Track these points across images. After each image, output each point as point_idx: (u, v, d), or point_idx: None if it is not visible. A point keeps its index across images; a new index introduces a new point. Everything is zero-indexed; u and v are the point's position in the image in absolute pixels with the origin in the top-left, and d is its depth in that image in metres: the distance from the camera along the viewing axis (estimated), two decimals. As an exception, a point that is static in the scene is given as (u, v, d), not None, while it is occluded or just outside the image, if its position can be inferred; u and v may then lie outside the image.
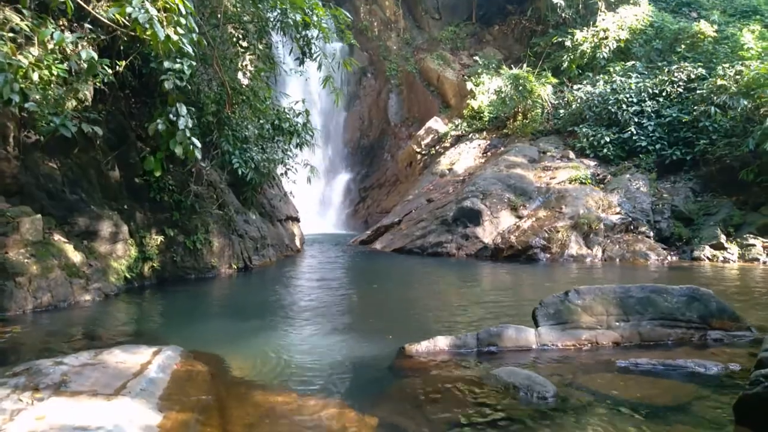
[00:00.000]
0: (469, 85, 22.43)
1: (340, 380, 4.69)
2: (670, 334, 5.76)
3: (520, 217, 14.87)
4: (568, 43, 20.83)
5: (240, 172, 11.04)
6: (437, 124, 22.83)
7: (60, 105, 8.48)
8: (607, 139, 17.26)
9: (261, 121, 11.04)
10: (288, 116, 12.90)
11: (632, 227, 14.24)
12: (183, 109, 5.09)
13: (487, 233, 14.66)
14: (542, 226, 14.14)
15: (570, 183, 15.72)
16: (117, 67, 8.80)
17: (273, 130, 12.27)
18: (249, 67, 12.93)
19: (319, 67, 11.54)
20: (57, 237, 8.43)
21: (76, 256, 8.44)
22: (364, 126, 26.61)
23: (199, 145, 5.33)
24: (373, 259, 14.78)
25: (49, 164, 8.84)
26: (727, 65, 15.96)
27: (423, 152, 22.71)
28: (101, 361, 4.59)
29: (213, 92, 9.86)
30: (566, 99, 19.64)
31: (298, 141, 13.20)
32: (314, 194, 25.29)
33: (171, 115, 5.14)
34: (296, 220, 16.51)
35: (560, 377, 4.63)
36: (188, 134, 5.24)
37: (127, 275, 9.39)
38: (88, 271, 8.51)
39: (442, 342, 5.51)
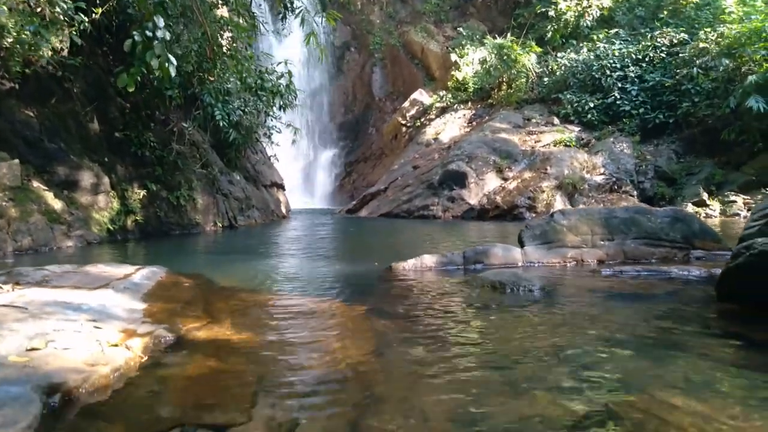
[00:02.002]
0: (454, 57, 22.35)
1: (329, 288, 4.66)
2: (654, 253, 5.81)
3: (505, 179, 14.92)
4: (551, 13, 20.81)
5: (222, 125, 10.88)
6: (422, 96, 22.75)
7: (36, 50, 8.29)
8: (591, 105, 17.34)
9: (244, 75, 10.86)
10: (270, 77, 12.76)
11: (616, 187, 14.36)
12: (161, 21, 4.95)
13: (473, 195, 14.69)
14: (527, 186, 14.20)
15: (555, 146, 15.78)
16: (93, 14, 8.64)
17: (255, 90, 12.11)
18: (228, 26, 12.74)
19: (302, 23, 11.39)
20: (36, 184, 8.26)
21: (56, 204, 8.29)
22: (348, 101, 26.44)
23: (174, 62, 5.19)
24: (358, 223, 14.75)
25: (26, 112, 8.64)
26: (708, 29, 16.08)
27: (408, 124, 22.64)
28: (84, 270, 4.51)
29: (193, 41, 9.66)
30: (550, 67, 19.66)
31: (281, 103, 13.07)
32: (299, 170, 25.16)
33: (147, 31, 4.99)
34: (281, 187, 16.39)
35: (547, 280, 4.64)
36: (165, 49, 5.07)
37: (110, 227, 9.24)
38: (69, 219, 8.37)
39: (429, 260, 5.50)
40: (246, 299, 4.07)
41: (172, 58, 5.24)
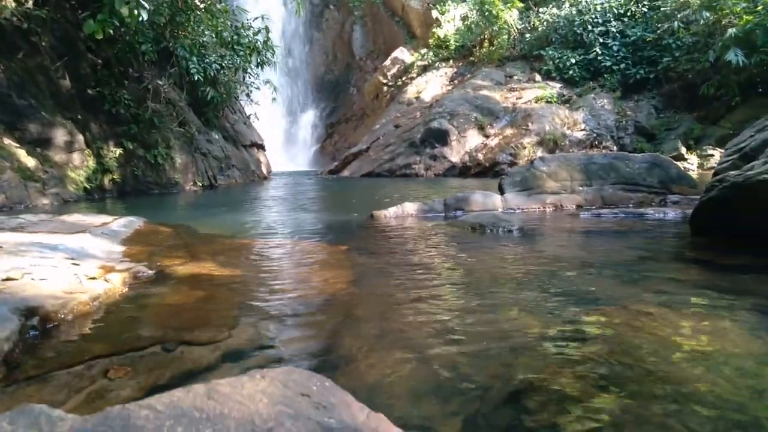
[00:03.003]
0: (435, 14, 21.96)
1: (310, 233, 4.66)
2: (632, 198, 5.90)
3: (487, 136, 14.91)
4: (534, -33, 20.44)
5: (198, 80, 10.62)
6: (403, 54, 22.40)
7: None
8: (573, 61, 17.27)
9: (219, 29, 10.55)
10: (247, 33, 12.43)
11: (597, 143, 14.46)
12: (130, -38, 4.74)
13: (455, 152, 14.68)
14: (509, 143, 14.22)
15: (536, 102, 15.76)
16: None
17: (231, 45, 11.80)
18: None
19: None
20: (7, 141, 8.03)
21: (29, 161, 8.09)
22: (328, 61, 25.94)
23: (146, 6, 5.00)
24: (340, 182, 14.70)
25: (-8, 66, 8.33)
26: (690, -18, 15.96)
27: (389, 83, 22.35)
28: (59, 219, 4.44)
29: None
30: (532, 23, 19.45)
31: (258, 59, 12.79)
32: (279, 132, 24.82)
33: (117, -27, 4.78)
34: (262, 147, 16.20)
35: (526, 222, 4.70)
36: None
37: (86, 185, 9.09)
38: (44, 176, 8.20)
39: (410, 207, 5.52)
40: (228, 243, 4.06)
41: (144, 2, 5.05)
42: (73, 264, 2.81)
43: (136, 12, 4.90)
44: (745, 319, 1.98)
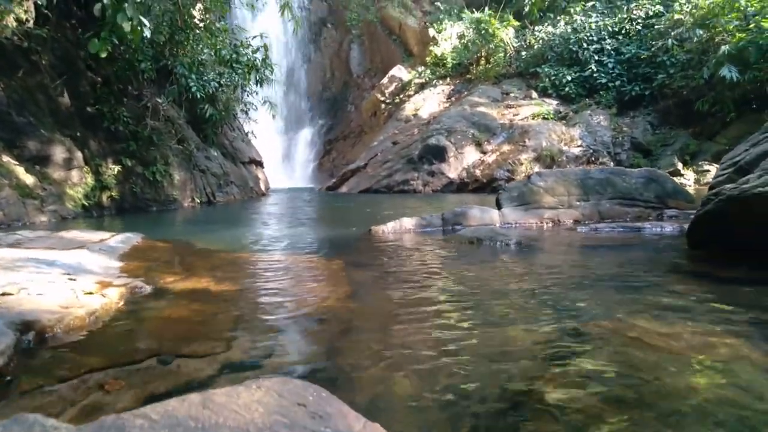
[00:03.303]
0: (432, 32, 22.22)
1: (308, 249, 4.66)
2: (629, 212, 5.92)
3: (484, 152, 14.99)
4: (529, -14, 20.74)
5: (197, 97, 10.69)
6: (400, 72, 22.61)
7: (-1, 20, 8.04)
8: (569, 78, 17.45)
9: (218, 47, 10.65)
10: (246, 51, 12.55)
11: (593, 159, 14.54)
12: (131, -19, 4.81)
13: (453, 168, 14.75)
14: (506, 159, 14.29)
15: (533, 119, 15.88)
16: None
17: (230, 63, 11.90)
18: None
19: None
20: (6, 159, 8.05)
21: (28, 179, 8.10)
22: (326, 78, 26.16)
23: (147, 24, 5.06)
24: (338, 198, 14.72)
25: (-8, 85, 8.38)
26: (683, 1, 16.21)
27: (387, 101, 22.52)
28: (57, 235, 4.44)
29: (164, 12, 9.43)
30: (528, 41, 19.69)
31: (257, 77, 12.89)
32: (278, 149, 24.91)
33: (118, -8, 4.84)
34: (260, 164, 16.24)
35: (523, 237, 4.71)
36: (137, 11, 4.93)
37: (85, 202, 9.08)
38: (42, 194, 8.20)
39: (408, 222, 5.53)
40: (225, 258, 4.06)
41: (145, 20, 5.11)
42: (69, 279, 2.80)
43: (139, 29, 4.94)
44: (743, 331, 1.98)
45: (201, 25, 10.39)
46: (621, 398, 1.44)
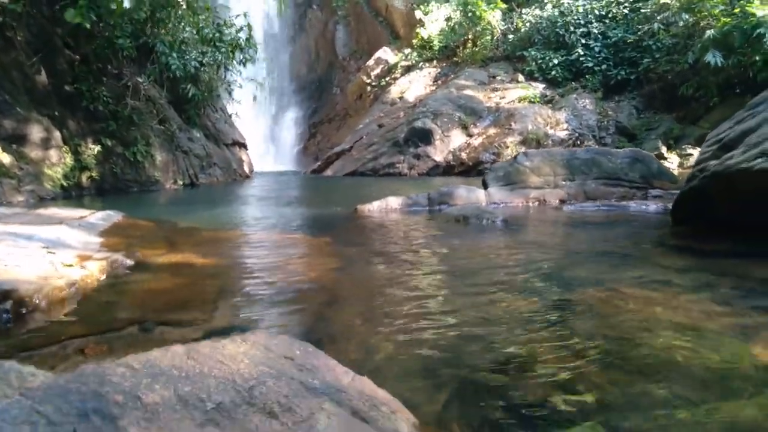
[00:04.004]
0: (418, 14, 21.97)
1: (293, 227, 4.61)
2: (614, 192, 5.95)
3: (470, 135, 14.97)
4: (516, -31, 20.60)
5: (178, 76, 10.48)
6: (387, 54, 22.40)
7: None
8: (555, 62, 17.42)
9: (200, 26, 10.43)
10: (229, 30, 12.31)
11: (579, 142, 14.58)
12: (109, -50, 4.65)
13: (439, 152, 14.71)
14: (492, 142, 14.29)
15: (519, 102, 15.86)
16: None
17: (213, 42, 11.67)
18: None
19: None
20: (-19, 137, 7.84)
21: (4, 158, 7.90)
22: (311, 60, 25.84)
23: (129, -5, 4.90)
24: (323, 181, 14.63)
25: (-35, 61, 8.13)
26: (669, -15, 16.24)
27: (373, 83, 22.32)
28: (35, 212, 4.33)
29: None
30: (515, 24, 19.58)
31: (241, 56, 12.67)
32: (262, 132, 24.63)
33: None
34: (243, 146, 16.04)
35: (510, 215, 4.71)
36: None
37: (64, 183, 8.89)
38: (19, 173, 8.01)
39: (394, 201, 5.50)
40: (210, 236, 4.00)
41: (123, -8, 4.94)
42: (48, 253, 2.73)
43: None
44: (721, 297, 2.00)
45: (183, 2, 10.13)
46: (606, 357, 1.44)
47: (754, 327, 1.66)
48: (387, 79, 21.97)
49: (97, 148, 9.67)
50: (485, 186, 5.91)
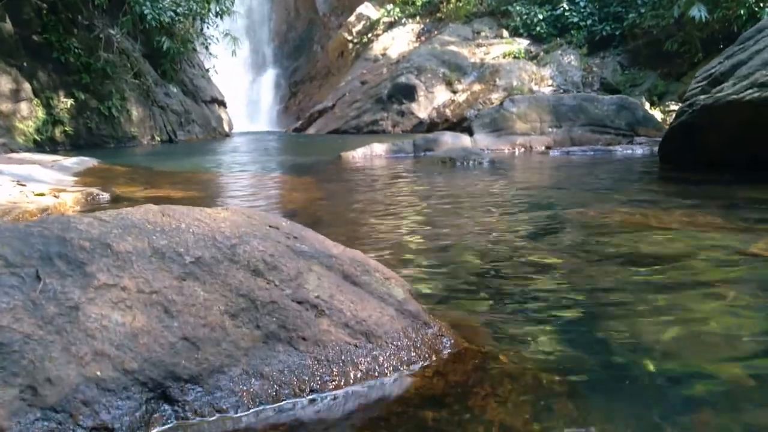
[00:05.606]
0: (401, -32, 21.35)
1: (277, 170, 4.49)
2: (600, 139, 5.91)
3: (455, 92, 14.77)
4: None
5: (153, 26, 10.08)
6: (368, 10, 21.80)
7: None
8: (540, 17, 17.13)
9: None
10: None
11: (562, 98, 14.51)
12: None
13: (423, 108, 14.52)
14: (477, 98, 14.13)
15: (504, 58, 15.65)
16: None
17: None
18: None
19: None
20: (-55, 88, 7.48)
21: (-29, 110, 7.58)
22: (290, 17, 25.09)
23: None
24: (306, 138, 14.40)
25: (-76, 6, 7.68)
26: (656, -63, 15.91)
27: (355, 40, 21.79)
28: (6, 156, 4.16)
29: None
30: (500, -22, 19.12)
31: (217, 8, 12.22)
32: (240, 92, 24.02)
33: None
34: (223, 104, 15.66)
35: (497, 159, 4.65)
36: None
37: (36, 137, 8.59)
38: (-12, 126, 7.70)
39: (379, 148, 5.40)
40: (189, 177, 3.88)
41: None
42: (19, 185, 2.61)
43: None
44: (715, 212, 1.98)
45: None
46: (595, 257, 1.41)
47: (745, 230, 1.64)
48: (369, 35, 21.44)
49: (69, 102, 9.32)
50: (470, 133, 5.83)
